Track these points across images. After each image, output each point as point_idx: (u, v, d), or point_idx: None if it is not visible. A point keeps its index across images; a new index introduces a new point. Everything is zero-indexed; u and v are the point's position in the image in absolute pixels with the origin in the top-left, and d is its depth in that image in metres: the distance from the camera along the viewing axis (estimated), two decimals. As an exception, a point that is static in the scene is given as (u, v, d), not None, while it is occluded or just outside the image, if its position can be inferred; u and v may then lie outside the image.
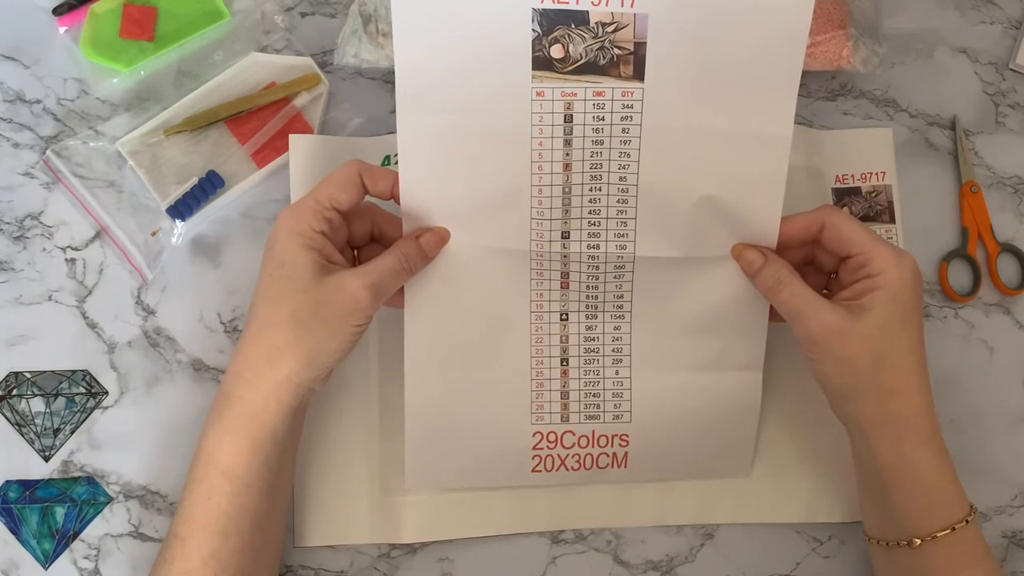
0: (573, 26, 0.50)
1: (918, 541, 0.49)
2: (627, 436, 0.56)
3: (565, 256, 0.53)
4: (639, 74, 0.50)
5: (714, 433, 0.56)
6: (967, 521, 0.49)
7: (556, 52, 0.50)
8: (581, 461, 0.56)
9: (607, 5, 0.49)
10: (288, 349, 0.49)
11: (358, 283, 0.49)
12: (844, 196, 0.63)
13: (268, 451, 0.50)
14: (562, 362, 0.55)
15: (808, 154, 0.62)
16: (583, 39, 0.50)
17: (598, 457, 0.56)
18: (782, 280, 0.51)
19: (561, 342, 0.55)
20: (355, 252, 0.55)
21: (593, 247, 0.53)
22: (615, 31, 0.50)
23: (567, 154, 0.52)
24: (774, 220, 0.52)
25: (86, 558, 0.57)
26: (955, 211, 0.64)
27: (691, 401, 0.56)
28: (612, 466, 0.57)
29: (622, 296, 0.54)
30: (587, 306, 0.55)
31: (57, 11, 0.63)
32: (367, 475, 0.58)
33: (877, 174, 0.63)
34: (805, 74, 0.64)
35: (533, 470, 0.56)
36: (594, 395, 0.56)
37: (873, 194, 0.63)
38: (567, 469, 0.56)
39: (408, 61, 0.50)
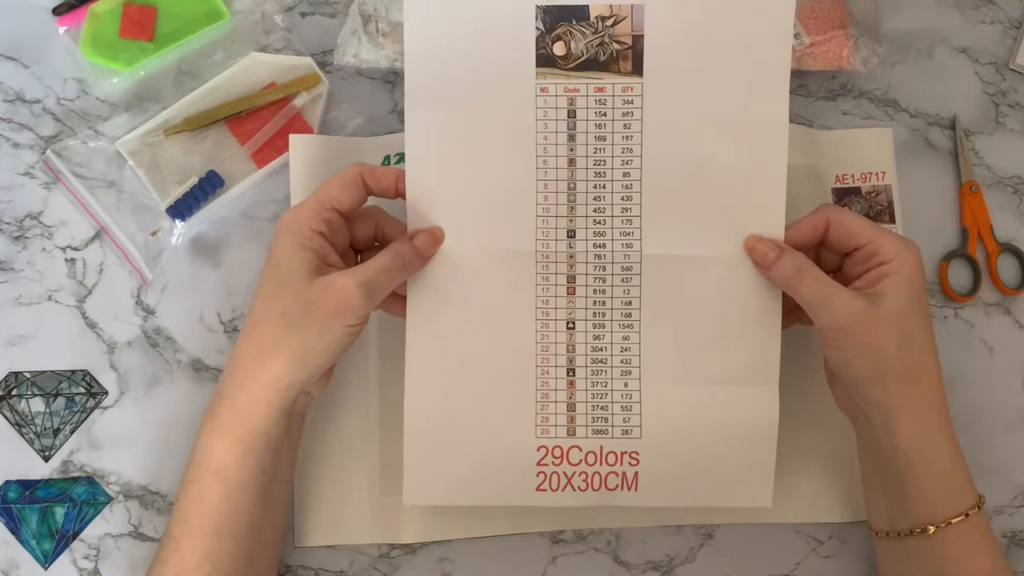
0: (574, 22, 0.52)
1: (932, 528, 0.49)
2: (637, 454, 0.54)
3: (571, 257, 0.53)
4: (638, 69, 0.52)
5: (730, 455, 0.54)
6: (979, 509, 0.49)
7: (558, 49, 0.52)
8: (589, 480, 0.54)
9: None
10: (277, 348, 0.49)
11: (349, 282, 0.48)
12: (844, 196, 0.63)
13: (260, 453, 0.50)
14: (568, 372, 0.54)
15: (808, 154, 0.62)
16: (584, 35, 0.52)
17: (607, 477, 0.54)
18: (804, 268, 0.50)
19: (568, 351, 0.54)
20: (358, 256, 0.55)
21: (599, 246, 0.53)
22: (614, 24, 0.52)
23: (571, 149, 0.53)
24: (779, 210, 0.52)
25: (86, 558, 0.57)
26: (955, 211, 0.64)
27: (703, 418, 0.54)
28: (622, 487, 0.54)
29: (630, 303, 0.53)
30: (595, 314, 0.54)
31: (57, 11, 0.63)
32: (367, 475, 0.57)
33: (877, 174, 0.63)
34: (805, 74, 0.64)
35: (538, 488, 0.54)
36: (602, 408, 0.54)
37: (873, 194, 0.63)
38: (574, 489, 0.54)
39: (417, 57, 0.52)
